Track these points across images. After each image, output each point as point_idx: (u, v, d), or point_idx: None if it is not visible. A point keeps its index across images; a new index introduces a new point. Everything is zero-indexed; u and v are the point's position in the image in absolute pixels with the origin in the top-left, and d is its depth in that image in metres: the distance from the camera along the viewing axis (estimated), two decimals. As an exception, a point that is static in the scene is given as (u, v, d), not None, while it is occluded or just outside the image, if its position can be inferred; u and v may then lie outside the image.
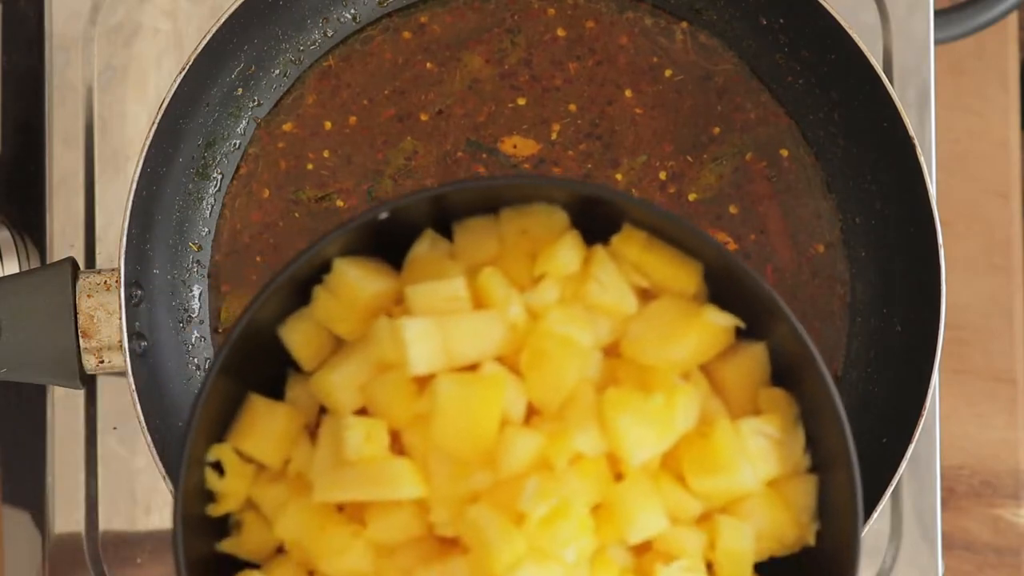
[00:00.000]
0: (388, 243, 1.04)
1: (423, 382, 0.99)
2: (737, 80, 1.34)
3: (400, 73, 1.35)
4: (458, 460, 0.97)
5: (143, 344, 1.24)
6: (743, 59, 1.34)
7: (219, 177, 1.34)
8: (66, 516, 1.37)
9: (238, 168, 1.34)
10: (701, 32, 1.35)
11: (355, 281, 1.01)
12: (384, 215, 0.98)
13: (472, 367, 0.99)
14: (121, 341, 1.21)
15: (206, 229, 1.34)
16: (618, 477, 1.00)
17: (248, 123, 1.34)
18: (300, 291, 1.02)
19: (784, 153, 1.34)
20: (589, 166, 1.33)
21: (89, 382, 1.36)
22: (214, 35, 1.25)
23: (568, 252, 1.01)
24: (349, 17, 1.36)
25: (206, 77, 1.27)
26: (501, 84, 1.35)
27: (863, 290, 1.32)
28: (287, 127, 1.35)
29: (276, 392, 1.05)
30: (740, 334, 1.04)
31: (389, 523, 0.98)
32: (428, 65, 1.35)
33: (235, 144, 1.34)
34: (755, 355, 1.03)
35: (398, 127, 1.34)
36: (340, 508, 1.00)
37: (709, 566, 1.02)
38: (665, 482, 1.00)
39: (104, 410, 1.37)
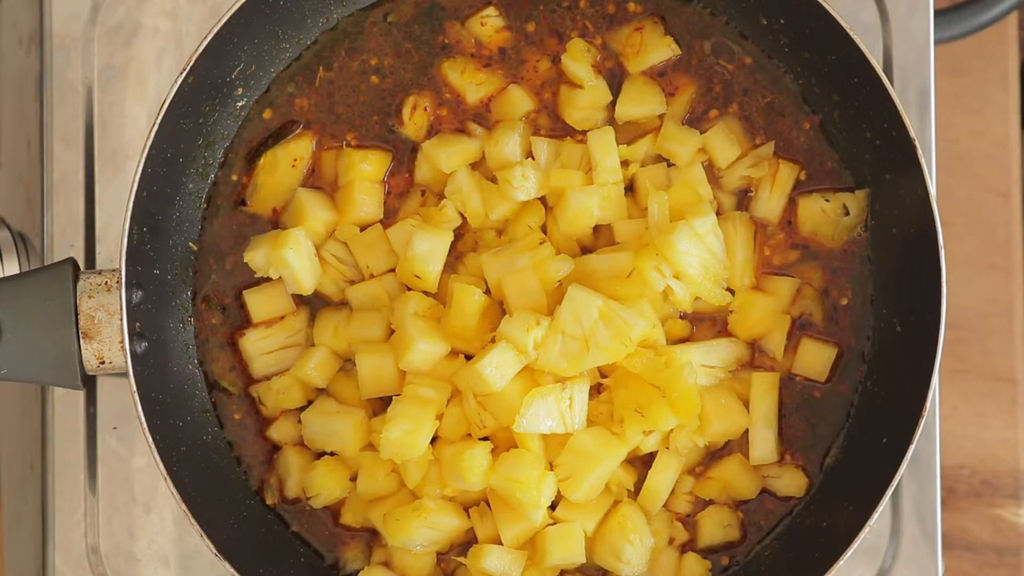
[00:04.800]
0: None
1: None
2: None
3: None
4: None
5: (144, 344, 1.24)
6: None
7: (219, 177, 1.34)
8: (66, 515, 1.37)
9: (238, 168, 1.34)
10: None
11: None
12: None
13: None
14: (122, 342, 1.21)
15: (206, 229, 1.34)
16: None
17: (248, 123, 1.34)
18: None
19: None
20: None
21: (89, 382, 1.36)
22: (214, 35, 1.25)
23: None
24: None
25: (206, 77, 1.27)
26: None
27: (863, 290, 1.32)
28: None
29: None
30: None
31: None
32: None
33: (235, 144, 1.34)
34: None
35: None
36: None
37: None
38: None
39: (104, 410, 1.37)
